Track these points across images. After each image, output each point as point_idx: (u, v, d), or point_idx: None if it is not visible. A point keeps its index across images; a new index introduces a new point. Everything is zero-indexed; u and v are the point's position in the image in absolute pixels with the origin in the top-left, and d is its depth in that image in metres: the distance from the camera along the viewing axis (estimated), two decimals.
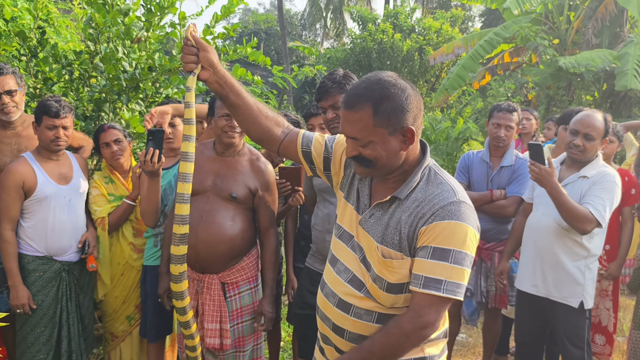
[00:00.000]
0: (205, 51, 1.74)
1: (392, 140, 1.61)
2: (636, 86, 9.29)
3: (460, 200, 1.61)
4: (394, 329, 1.59)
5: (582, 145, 3.02)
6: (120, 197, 3.27)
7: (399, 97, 1.58)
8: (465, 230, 1.57)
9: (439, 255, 1.56)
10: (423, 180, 1.68)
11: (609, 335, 3.88)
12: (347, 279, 1.76)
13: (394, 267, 1.65)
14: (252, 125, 1.87)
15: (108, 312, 3.35)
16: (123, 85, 3.61)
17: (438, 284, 1.55)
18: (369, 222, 1.72)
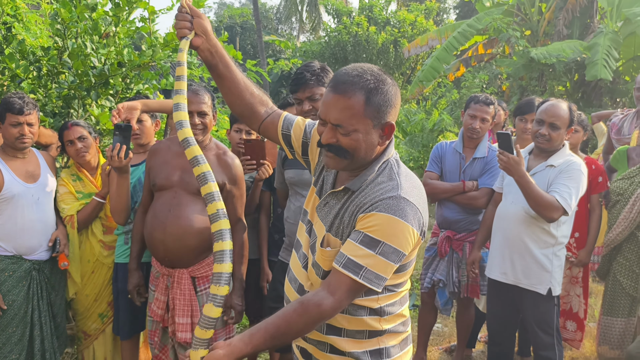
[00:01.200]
0: (199, 18, 1.74)
1: (374, 133, 1.60)
2: (606, 76, 9.45)
3: (401, 196, 1.57)
4: (312, 307, 1.55)
5: (548, 135, 3.08)
6: (89, 194, 3.23)
7: (388, 92, 1.60)
8: (401, 227, 1.55)
9: (368, 242, 1.54)
10: (376, 173, 1.66)
11: (580, 322, 3.96)
12: (303, 264, 1.79)
13: (329, 256, 1.65)
14: (236, 99, 1.85)
15: (80, 310, 3.32)
16: (92, 81, 3.57)
17: (358, 268, 1.54)
18: (323, 210, 1.74)
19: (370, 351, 1.72)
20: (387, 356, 1.74)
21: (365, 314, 1.70)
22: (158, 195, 2.88)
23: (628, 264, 3.71)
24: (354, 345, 1.72)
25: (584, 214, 3.78)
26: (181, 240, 2.77)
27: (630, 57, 10.66)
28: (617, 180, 3.81)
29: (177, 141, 2.95)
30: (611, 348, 3.84)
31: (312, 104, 2.67)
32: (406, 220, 1.56)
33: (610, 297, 3.82)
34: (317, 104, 2.67)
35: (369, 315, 1.70)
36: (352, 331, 1.71)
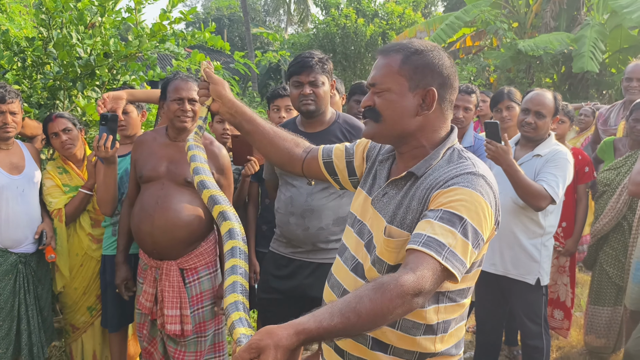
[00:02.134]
0: (214, 84, 1.80)
1: (410, 97, 1.50)
2: (592, 68, 9.52)
3: (480, 174, 1.45)
4: (391, 285, 1.25)
5: (533, 123, 3.10)
6: (76, 187, 3.20)
7: (433, 57, 1.51)
8: (483, 205, 1.40)
9: (449, 219, 1.36)
10: (444, 159, 1.53)
11: (567, 311, 4.00)
12: (352, 267, 1.64)
13: (395, 247, 1.49)
14: (270, 149, 1.85)
15: (68, 304, 3.29)
16: (78, 72, 3.52)
17: (440, 247, 1.32)
18: (382, 201, 1.59)
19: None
20: None
21: (419, 334, 1.52)
22: (145, 187, 2.86)
23: (614, 254, 3.75)
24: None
25: (571, 204, 3.81)
26: (169, 232, 2.75)
27: (617, 50, 10.75)
28: (604, 170, 3.84)
29: (162, 132, 2.93)
30: (598, 337, 3.89)
31: (313, 89, 2.66)
32: (487, 199, 1.41)
33: (597, 287, 3.86)
34: (317, 90, 2.67)
35: (424, 334, 1.53)
36: (400, 350, 1.54)
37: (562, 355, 4.10)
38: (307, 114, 2.71)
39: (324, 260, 2.71)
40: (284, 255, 2.81)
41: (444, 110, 1.55)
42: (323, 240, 2.71)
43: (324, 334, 1.22)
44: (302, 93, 2.67)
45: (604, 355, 4.00)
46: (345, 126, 2.77)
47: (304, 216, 2.69)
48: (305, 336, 1.21)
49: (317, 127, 2.77)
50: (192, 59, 4.24)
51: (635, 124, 3.60)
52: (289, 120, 2.95)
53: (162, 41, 3.83)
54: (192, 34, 4.04)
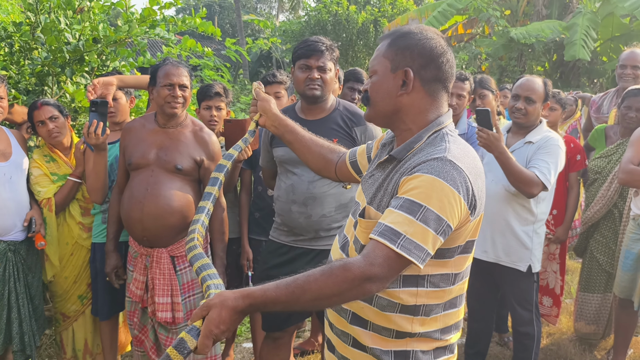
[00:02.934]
0: (261, 101, 2.02)
1: (391, 78, 1.55)
2: (584, 56, 9.53)
3: (447, 158, 1.43)
4: (339, 270, 1.33)
5: (524, 109, 3.11)
6: (64, 176, 3.16)
7: (415, 39, 1.54)
8: (445, 191, 1.39)
9: (408, 207, 1.38)
10: (427, 143, 1.53)
11: (556, 298, 4.02)
12: (341, 245, 1.72)
13: (367, 228, 1.53)
14: (309, 156, 2.01)
15: (58, 292, 3.26)
16: (66, 57, 3.47)
17: (395, 236, 1.35)
18: (368, 182, 1.67)
19: (395, 352, 1.56)
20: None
21: (394, 311, 1.54)
22: (134, 174, 2.83)
23: (605, 241, 3.77)
24: (377, 341, 1.58)
25: (562, 192, 3.82)
26: (160, 219, 2.73)
27: (608, 38, 10.76)
28: (595, 158, 3.85)
29: (151, 118, 2.90)
30: (587, 323, 3.92)
31: (321, 74, 2.65)
32: (451, 184, 1.40)
33: (587, 274, 3.89)
34: (325, 76, 2.67)
35: (399, 312, 1.54)
36: (378, 327, 1.57)
37: (552, 341, 4.14)
38: (311, 98, 2.69)
39: (326, 247, 2.70)
40: (285, 243, 2.80)
41: (429, 92, 1.55)
42: (325, 228, 2.70)
43: (268, 302, 1.33)
44: (310, 77, 2.65)
45: (593, 341, 4.03)
46: (345, 113, 2.76)
47: (306, 204, 2.67)
48: (250, 300, 1.32)
49: (318, 114, 2.75)
50: (183, 45, 4.19)
51: (627, 112, 3.60)
52: (288, 107, 2.92)
53: (152, 27, 3.79)
54: (183, 20, 4.00)
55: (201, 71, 5.70)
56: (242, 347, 4.02)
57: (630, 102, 3.58)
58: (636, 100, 3.56)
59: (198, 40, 4.33)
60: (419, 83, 1.53)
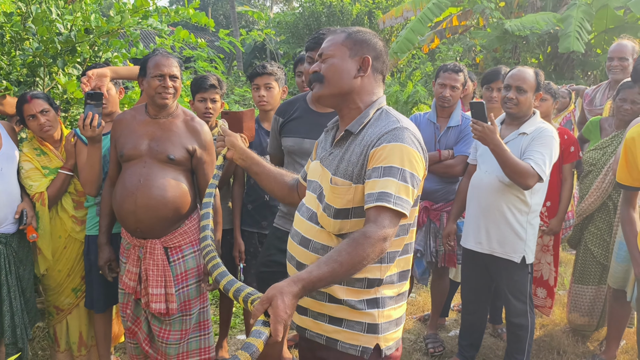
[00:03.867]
0: (229, 136, 2.22)
1: (350, 61, 1.84)
2: (578, 48, 9.52)
3: (403, 126, 1.77)
4: (361, 238, 1.62)
5: (515, 98, 3.12)
6: (55, 169, 3.12)
7: (370, 36, 1.89)
8: (408, 151, 1.72)
9: (388, 172, 1.69)
10: (375, 117, 1.85)
11: (550, 289, 4.03)
12: (307, 216, 1.93)
13: (340, 193, 1.79)
14: (274, 185, 2.21)
15: (52, 286, 3.24)
16: (58, 48, 3.42)
17: (389, 197, 1.66)
18: (328, 159, 1.91)
19: (367, 300, 1.82)
20: (382, 305, 1.83)
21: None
22: (126, 166, 2.82)
23: (599, 233, 3.78)
24: (351, 293, 1.81)
25: (556, 183, 3.82)
26: (153, 210, 2.72)
27: (602, 30, 10.75)
28: (589, 150, 3.85)
29: (141, 110, 2.88)
30: (581, 315, 3.94)
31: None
32: (411, 145, 1.74)
33: (581, 266, 3.90)
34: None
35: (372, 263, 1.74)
36: (352, 279, 1.79)
37: (545, 332, 4.16)
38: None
39: None
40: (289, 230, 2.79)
41: (377, 78, 1.90)
42: None
43: (315, 280, 1.56)
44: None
45: (587, 332, 4.05)
46: None
47: None
48: (302, 283, 1.54)
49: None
50: (176, 36, 4.15)
51: (622, 104, 3.60)
52: (299, 96, 2.91)
53: (144, 17, 3.74)
54: (176, 11, 3.96)
55: (195, 62, 5.67)
56: (236, 338, 4.02)
57: (625, 94, 3.58)
58: (631, 92, 3.56)
59: (191, 32, 4.30)
60: (371, 70, 1.87)
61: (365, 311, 1.82)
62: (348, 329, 1.83)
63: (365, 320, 1.82)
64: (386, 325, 1.85)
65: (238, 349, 1.65)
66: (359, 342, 1.83)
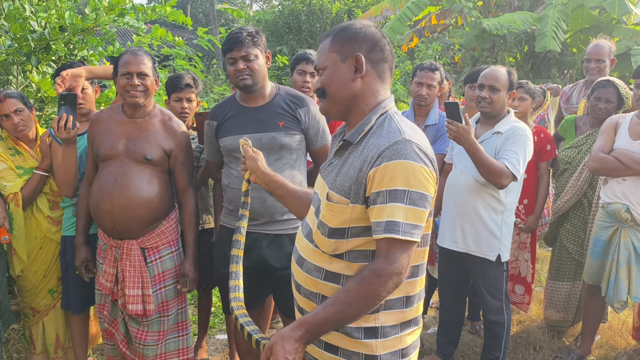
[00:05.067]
0: (249, 160, 2.07)
1: (343, 67, 1.66)
2: (555, 47, 9.64)
3: (406, 139, 1.55)
4: (371, 277, 1.50)
5: (488, 97, 3.15)
6: (30, 169, 3.07)
7: (356, 28, 1.68)
8: (413, 168, 1.52)
9: (393, 197, 1.51)
10: (377, 125, 1.65)
11: (528, 286, 4.08)
12: (305, 233, 1.80)
13: (336, 211, 1.64)
14: (300, 206, 2.02)
15: (27, 287, 3.19)
16: (32, 46, 3.38)
17: (397, 226, 1.50)
18: (327, 169, 1.77)
19: (364, 328, 1.65)
20: (382, 335, 1.66)
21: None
22: (103, 166, 2.79)
23: (574, 230, 3.83)
24: None
25: (532, 182, 3.87)
26: (129, 210, 2.70)
27: (578, 30, 10.90)
28: (565, 148, 3.90)
29: (118, 109, 2.85)
30: (557, 311, 3.99)
31: (246, 64, 2.65)
32: (417, 160, 1.53)
33: (557, 262, 3.95)
34: (251, 65, 2.66)
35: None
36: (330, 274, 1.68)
37: (522, 329, 4.21)
38: (245, 88, 2.70)
39: (280, 231, 2.72)
40: None
41: (379, 72, 1.69)
42: (280, 212, 2.71)
43: (321, 323, 1.51)
44: (237, 69, 2.66)
45: (563, 328, 4.11)
46: (287, 97, 2.77)
47: (260, 189, 2.65)
48: (305, 326, 1.50)
49: (259, 101, 2.75)
50: (153, 34, 4.12)
51: (597, 103, 3.65)
52: (228, 98, 2.92)
53: (121, 15, 3.71)
54: (153, 9, 3.93)
55: (173, 61, 5.62)
56: (215, 338, 4.00)
57: (600, 93, 3.64)
58: (605, 91, 3.61)
59: (170, 30, 4.28)
60: (369, 65, 1.67)
61: (361, 341, 1.65)
62: (344, 359, 1.69)
63: (362, 350, 1.66)
64: (388, 357, 1.67)
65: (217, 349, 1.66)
66: None
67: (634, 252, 3.29)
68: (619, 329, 4.17)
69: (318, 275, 1.69)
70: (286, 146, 2.70)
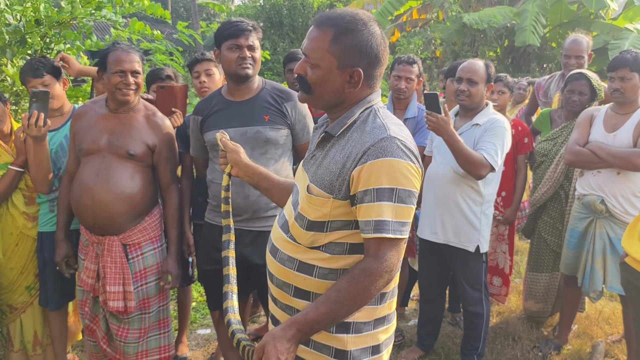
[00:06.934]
0: (230, 152, 2.00)
1: (338, 74, 1.59)
2: (534, 42, 9.74)
3: (391, 136, 1.54)
4: (361, 276, 1.51)
5: (467, 90, 3.19)
6: (5, 164, 3.02)
7: (362, 37, 1.57)
8: (399, 165, 1.51)
9: (381, 195, 1.51)
10: (361, 119, 1.62)
11: (506, 277, 4.13)
12: (280, 224, 1.79)
13: (315, 204, 1.62)
14: (286, 198, 1.94)
15: (4, 284, 3.14)
16: (6, 39, 3.33)
17: (386, 225, 1.51)
18: (310, 162, 1.73)
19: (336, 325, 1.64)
20: (354, 331, 1.66)
21: (336, 279, 1.63)
22: (85, 161, 2.75)
23: (552, 222, 3.88)
24: None
25: (510, 174, 3.91)
26: (111, 206, 2.66)
27: (557, 24, 11.02)
28: (541, 141, 3.94)
29: (102, 103, 2.82)
30: (536, 302, 4.04)
31: (251, 53, 2.68)
32: (403, 157, 1.52)
33: (536, 254, 4.00)
34: (255, 54, 2.69)
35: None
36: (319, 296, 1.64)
37: (501, 320, 4.26)
38: (243, 78, 2.69)
39: (263, 228, 2.72)
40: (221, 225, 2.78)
41: (370, 84, 1.65)
42: (263, 208, 2.71)
43: (312, 322, 1.50)
44: (241, 56, 2.65)
45: (541, 319, 4.17)
46: (274, 91, 2.77)
47: (243, 184, 2.64)
48: (297, 326, 1.49)
49: (245, 94, 2.75)
50: (131, 28, 4.09)
51: (570, 96, 3.70)
52: (214, 93, 2.91)
53: (98, 8, 3.67)
54: (131, 2, 3.90)
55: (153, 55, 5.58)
56: (196, 333, 4.00)
57: (573, 85, 3.68)
58: (578, 84, 3.66)
59: (150, 24, 4.24)
60: (365, 80, 1.61)
61: (333, 335, 1.65)
62: (315, 351, 1.68)
63: (333, 344, 1.66)
64: (358, 353, 1.66)
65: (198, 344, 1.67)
66: None
67: (609, 243, 3.34)
68: (595, 319, 4.24)
69: (291, 265, 1.68)
70: (271, 140, 2.69)
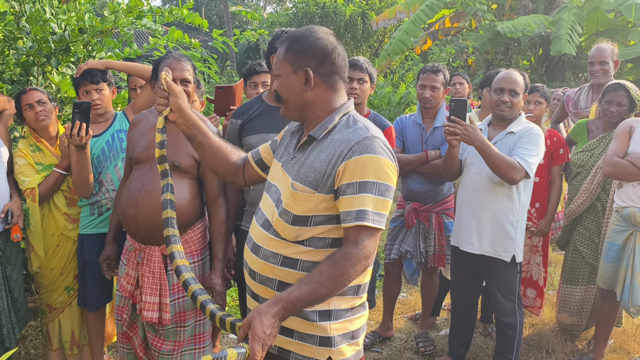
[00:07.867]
0: (174, 97, 1.91)
1: (295, 78, 1.76)
2: (570, 51, 9.59)
3: (373, 136, 1.71)
4: (341, 259, 1.63)
5: (509, 101, 3.17)
6: (49, 166, 3.12)
7: (309, 41, 1.76)
8: (381, 162, 1.68)
9: (363, 188, 1.66)
10: (341, 124, 1.78)
11: (540, 289, 4.08)
12: (261, 223, 1.89)
13: (300, 199, 1.74)
14: (219, 161, 2.04)
15: (44, 284, 3.23)
16: (52, 47, 3.44)
17: (366, 215, 1.65)
18: (290, 163, 1.84)
19: (319, 311, 1.79)
20: (335, 318, 1.80)
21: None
22: (135, 169, 2.75)
23: (588, 234, 3.82)
24: None
25: (544, 185, 3.87)
26: (153, 216, 2.61)
27: (593, 33, 10.82)
28: (577, 152, 3.89)
29: (156, 113, 2.84)
30: (570, 315, 3.98)
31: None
32: (383, 155, 1.69)
33: (570, 266, 3.94)
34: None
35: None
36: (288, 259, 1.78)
37: (534, 332, 4.20)
38: None
39: None
40: None
41: (329, 84, 1.79)
42: None
43: (295, 300, 1.59)
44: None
45: (576, 332, 4.10)
46: None
47: None
48: (282, 303, 1.57)
49: None
50: (170, 36, 4.18)
51: (608, 107, 3.65)
52: (255, 98, 2.94)
53: (138, 17, 3.77)
54: (170, 11, 3.98)
55: None
56: (228, 337, 4.04)
57: (611, 96, 3.63)
58: (616, 94, 3.61)
59: (185, 32, 4.33)
60: (319, 79, 1.76)
61: (316, 323, 1.79)
62: (300, 341, 1.82)
63: (317, 333, 1.79)
64: (340, 338, 1.82)
65: None
66: (312, 355, 1.81)
67: None
68: (632, 333, 4.15)
69: (275, 261, 1.79)
70: None
